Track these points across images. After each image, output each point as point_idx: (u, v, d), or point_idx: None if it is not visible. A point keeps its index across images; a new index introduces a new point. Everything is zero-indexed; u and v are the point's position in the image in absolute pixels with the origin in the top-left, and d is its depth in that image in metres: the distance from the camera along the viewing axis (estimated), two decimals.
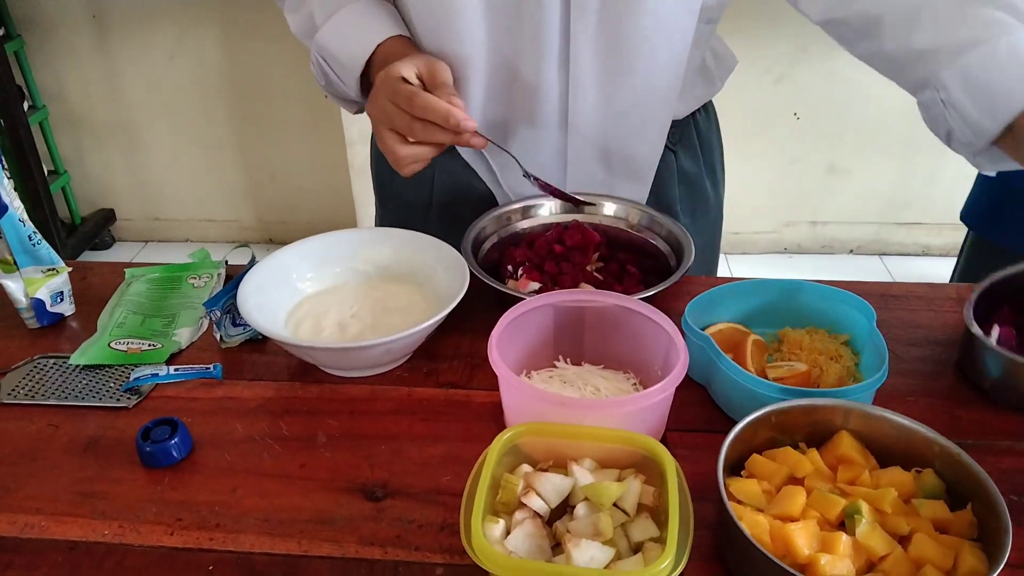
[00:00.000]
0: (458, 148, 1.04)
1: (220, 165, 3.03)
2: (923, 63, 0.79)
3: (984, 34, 0.74)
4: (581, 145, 0.98)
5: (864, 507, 0.60)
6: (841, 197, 2.86)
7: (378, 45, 0.89)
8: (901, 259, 2.94)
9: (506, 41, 0.89)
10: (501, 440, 0.65)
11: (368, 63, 0.91)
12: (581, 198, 0.99)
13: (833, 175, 2.82)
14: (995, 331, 0.68)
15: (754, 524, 0.60)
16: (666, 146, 1.03)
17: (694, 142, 1.07)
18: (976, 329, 0.80)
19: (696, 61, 0.99)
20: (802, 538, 0.58)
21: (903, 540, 0.60)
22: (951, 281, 1.37)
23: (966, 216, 1.29)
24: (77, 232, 3.00)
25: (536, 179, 0.94)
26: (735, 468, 0.67)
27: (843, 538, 0.58)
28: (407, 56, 0.85)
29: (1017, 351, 0.68)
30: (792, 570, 0.54)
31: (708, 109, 1.10)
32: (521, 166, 0.92)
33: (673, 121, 1.02)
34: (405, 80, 0.83)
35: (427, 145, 0.85)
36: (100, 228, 3.07)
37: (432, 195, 1.07)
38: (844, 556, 0.57)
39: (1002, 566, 0.54)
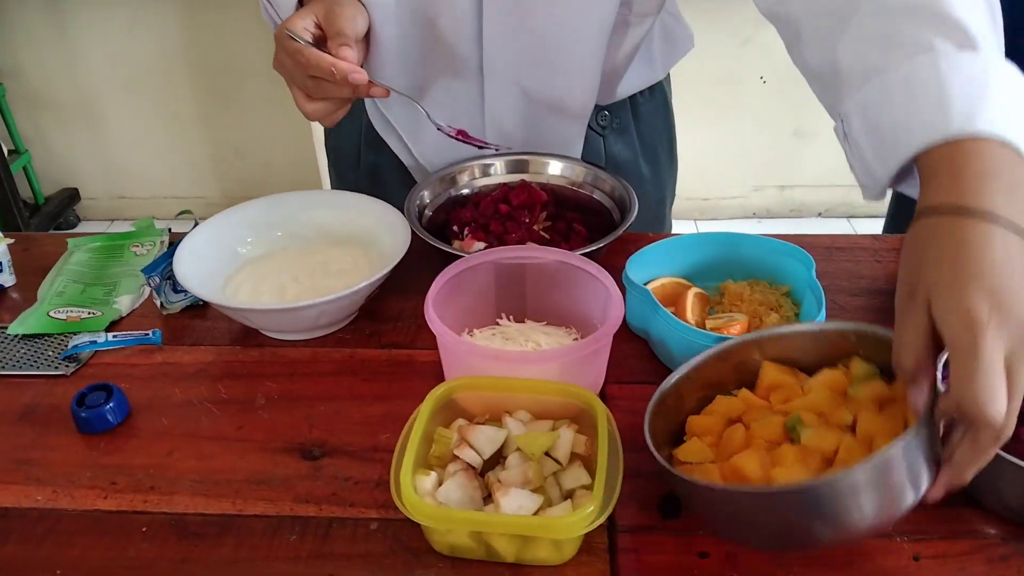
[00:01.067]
0: (369, 111, 1.02)
1: (184, 141, 2.99)
2: (836, 86, 0.67)
3: (890, 59, 0.61)
4: (500, 90, 0.95)
5: (802, 416, 0.60)
6: (809, 161, 2.87)
7: None
8: (869, 221, 2.96)
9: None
10: (435, 395, 0.65)
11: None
12: (495, 145, 0.96)
13: (801, 139, 2.82)
14: None
15: (705, 474, 0.59)
16: (595, 130, 1.02)
17: (629, 127, 1.05)
18: None
19: (628, 49, 0.96)
20: (751, 464, 0.58)
21: (853, 429, 0.59)
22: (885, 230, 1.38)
23: None
24: (40, 212, 2.95)
25: (448, 128, 0.90)
26: (679, 439, 0.66)
27: (790, 448, 0.58)
28: (312, 3, 0.82)
29: None
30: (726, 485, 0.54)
31: (655, 90, 1.07)
32: (431, 118, 0.89)
33: (607, 105, 1.01)
34: (292, 37, 0.79)
35: (330, 99, 0.82)
36: (64, 207, 3.03)
37: (360, 154, 1.06)
38: (795, 464, 0.57)
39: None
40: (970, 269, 0.50)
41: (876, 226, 2.98)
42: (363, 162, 1.08)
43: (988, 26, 0.61)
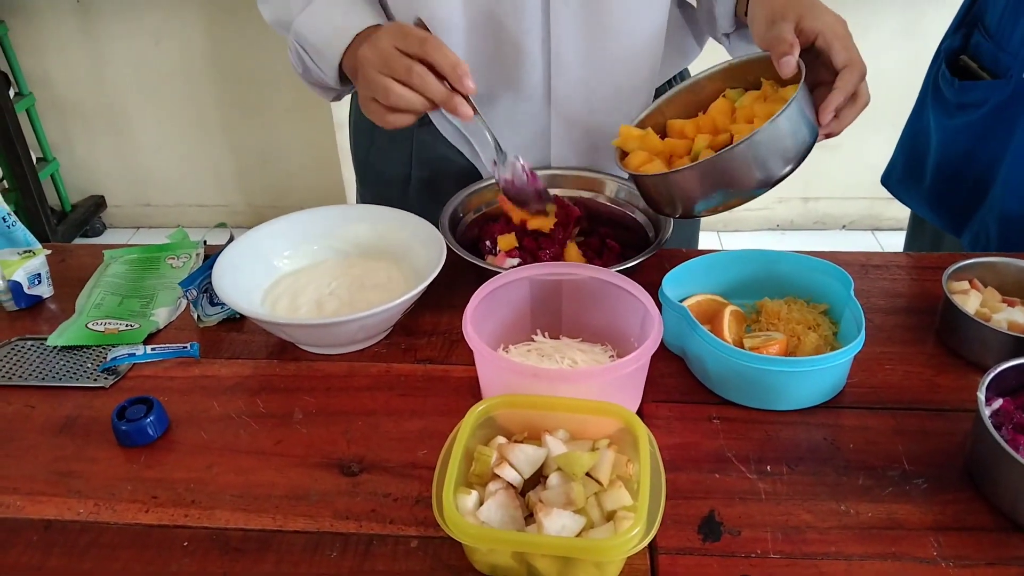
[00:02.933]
0: (436, 124, 1.03)
1: (209, 150, 3.02)
2: None
3: None
4: (565, 120, 0.97)
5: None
6: (833, 172, 2.85)
7: (356, 35, 0.88)
8: (893, 234, 2.93)
9: (485, 9, 0.88)
10: (474, 412, 0.65)
11: (346, 50, 0.89)
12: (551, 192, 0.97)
13: (824, 150, 2.78)
14: (997, 402, 0.67)
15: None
16: None
17: None
18: (956, 300, 0.80)
19: (675, 35, 0.99)
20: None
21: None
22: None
23: (884, 178, 1.30)
24: (67, 219, 2.98)
25: (515, 162, 0.90)
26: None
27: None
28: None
29: (1021, 429, 0.67)
30: None
31: (673, 82, 1.08)
32: (500, 149, 0.89)
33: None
34: (422, 24, 0.84)
35: (414, 99, 0.81)
36: (91, 215, 3.06)
37: (411, 169, 1.06)
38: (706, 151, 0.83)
39: None
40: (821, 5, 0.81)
41: (902, 239, 2.97)
42: (415, 179, 1.07)
43: None
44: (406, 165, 1.06)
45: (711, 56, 1.07)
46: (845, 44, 0.79)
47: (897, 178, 1.26)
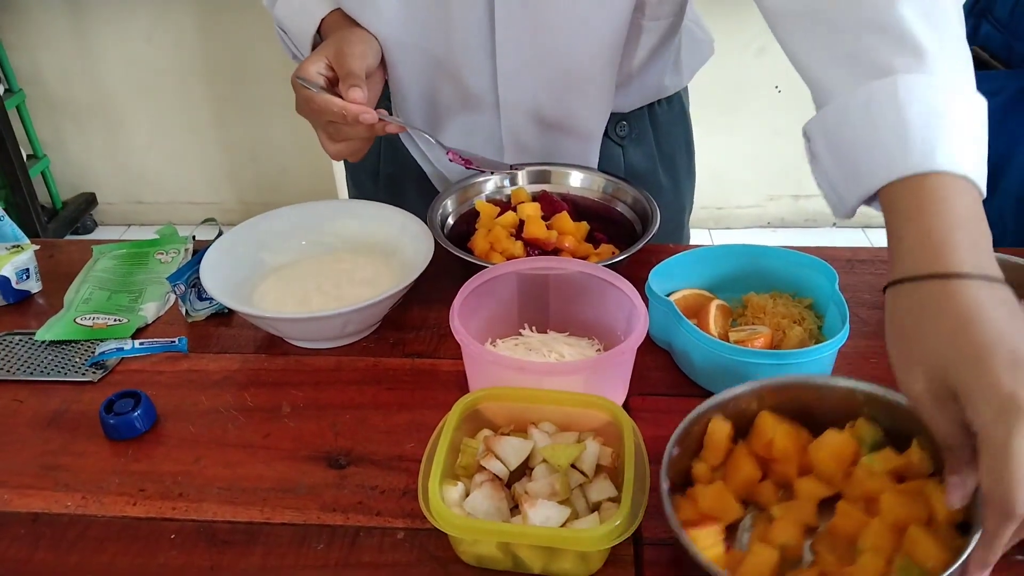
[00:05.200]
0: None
1: (201, 147, 3.01)
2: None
3: (848, 78, 0.63)
4: (516, 120, 0.96)
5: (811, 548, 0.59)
6: None
7: (322, 20, 0.89)
8: (884, 231, 2.94)
9: (422, 22, 0.87)
10: (461, 405, 0.65)
11: (321, 34, 0.90)
12: (503, 169, 0.98)
13: None
14: None
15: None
16: (613, 141, 1.02)
17: (648, 137, 1.05)
18: None
19: (644, 54, 0.96)
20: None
21: (869, 504, 0.58)
22: None
23: None
24: (59, 216, 2.97)
25: (455, 154, 0.90)
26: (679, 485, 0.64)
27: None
28: (323, 44, 0.85)
29: None
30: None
31: (672, 100, 1.08)
32: (441, 144, 0.91)
33: (624, 114, 1.02)
34: (303, 84, 0.82)
35: (352, 140, 0.85)
36: (82, 212, 3.05)
37: (379, 164, 1.08)
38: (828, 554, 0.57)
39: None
40: (982, 339, 0.49)
41: None
42: (382, 173, 1.09)
43: (950, 45, 0.62)
44: (375, 157, 1.08)
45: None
46: (998, 460, 0.47)
47: None
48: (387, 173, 1.08)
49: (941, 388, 0.51)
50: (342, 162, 1.18)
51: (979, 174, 0.57)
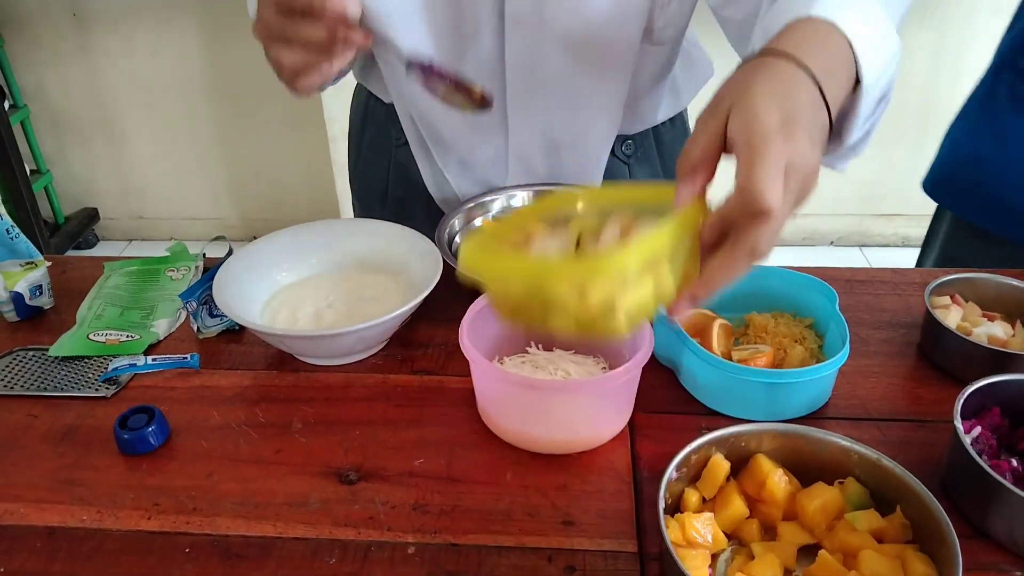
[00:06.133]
0: (409, 140, 1.04)
1: (203, 163, 3.03)
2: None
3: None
4: (524, 126, 0.97)
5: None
6: (821, 189, 2.84)
7: None
8: (881, 250, 2.97)
9: (436, 45, 0.89)
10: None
11: None
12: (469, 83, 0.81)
13: None
14: (976, 430, 0.70)
15: None
16: (619, 159, 1.04)
17: (653, 155, 1.08)
18: (937, 315, 0.82)
19: (646, 78, 0.98)
20: None
21: (847, 559, 0.60)
22: (918, 264, 1.39)
23: (926, 183, 1.27)
24: (61, 231, 2.99)
25: (417, 65, 0.80)
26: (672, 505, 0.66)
27: None
28: None
29: (993, 454, 0.70)
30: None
31: (675, 119, 1.10)
32: (402, 58, 0.81)
33: (630, 135, 1.04)
34: None
35: (306, 50, 0.73)
36: (84, 227, 3.07)
37: (388, 185, 1.09)
38: None
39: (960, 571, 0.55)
40: (773, 90, 0.55)
41: (889, 255, 3.02)
42: (390, 196, 1.10)
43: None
44: (384, 181, 1.09)
45: None
46: (752, 158, 0.53)
47: (944, 185, 1.24)
48: (396, 197, 1.10)
49: (718, 106, 0.57)
50: (346, 180, 1.19)
51: (856, 34, 0.61)
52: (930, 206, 1.29)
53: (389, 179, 1.09)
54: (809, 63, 0.58)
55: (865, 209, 2.94)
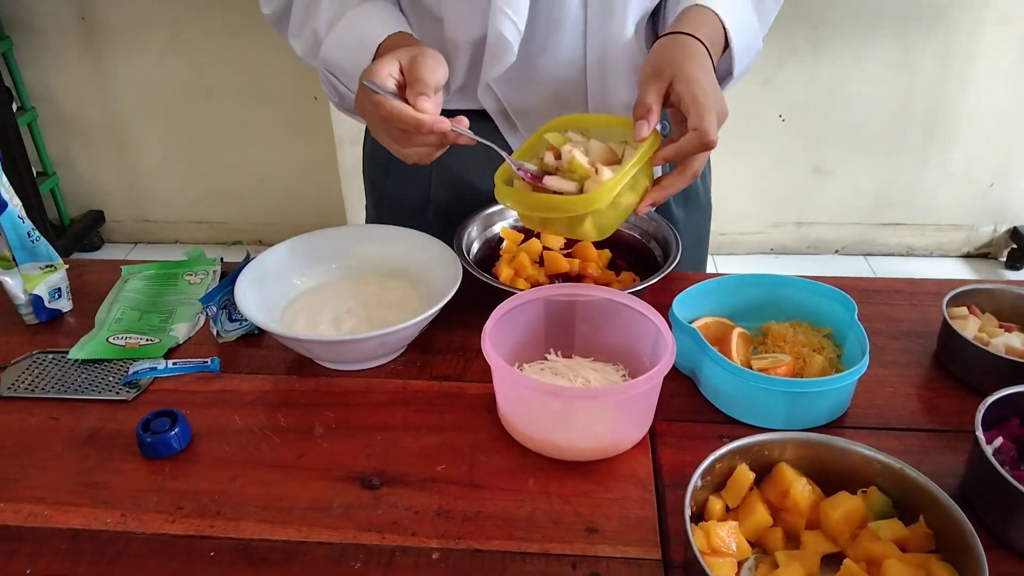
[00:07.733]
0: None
1: (209, 167, 3.03)
2: None
3: None
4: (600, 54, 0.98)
5: None
6: (826, 198, 2.89)
7: (379, 46, 0.85)
8: (885, 259, 2.97)
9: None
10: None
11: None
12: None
13: (818, 176, 2.85)
14: (997, 441, 0.71)
15: None
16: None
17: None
18: (955, 325, 0.82)
19: None
20: None
21: (871, 567, 0.60)
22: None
23: None
24: (66, 234, 2.99)
25: (524, 173, 0.87)
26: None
27: None
28: (397, 51, 0.81)
29: (1014, 464, 0.71)
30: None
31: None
32: (506, 157, 0.86)
33: None
34: (373, 88, 0.78)
35: (424, 146, 0.81)
36: (89, 230, 3.07)
37: (430, 192, 1.07)
38: None
39: None
40: (699, 64, 0.80)
41: (894, 264, 3.03)
42: (432, 202, 1.08)
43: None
44: (425, 188, 1.07)
45: None
46: (701, 112, 0.75)
47: None
48: (439, 201, 1.07)
49: (661, 72, 0.79)
50: (352, 185, 1.19)
51: (725, 13, 0.87)
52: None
53: (432, 185, 1.07)
54: (703, 39, 0.83)
55: (870, 218, 2.94)
